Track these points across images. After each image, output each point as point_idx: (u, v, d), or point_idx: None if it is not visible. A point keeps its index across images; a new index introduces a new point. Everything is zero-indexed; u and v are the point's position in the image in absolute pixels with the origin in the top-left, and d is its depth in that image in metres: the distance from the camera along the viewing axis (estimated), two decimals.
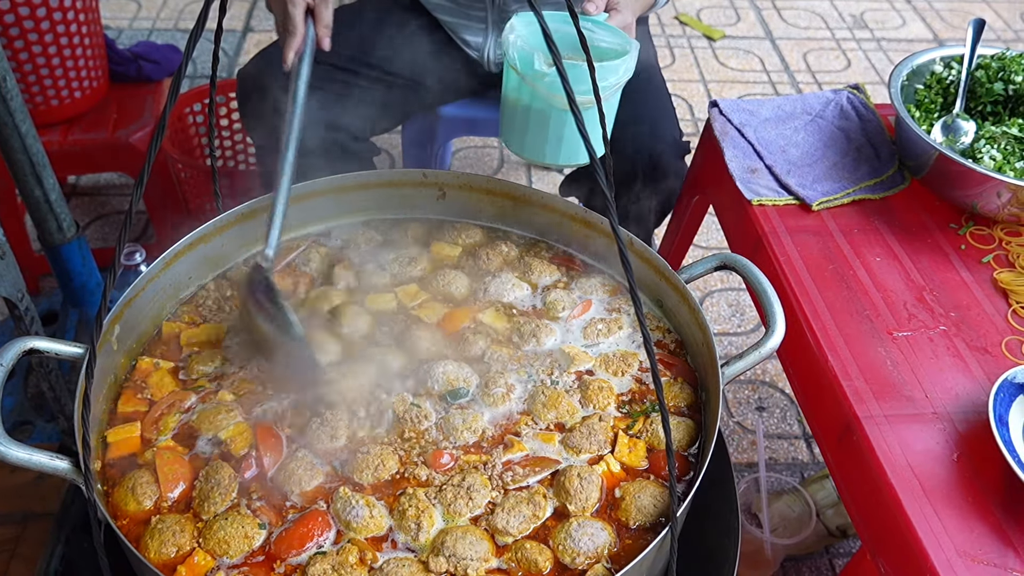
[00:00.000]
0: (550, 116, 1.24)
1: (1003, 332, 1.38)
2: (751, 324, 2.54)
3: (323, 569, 0.98)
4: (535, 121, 1.26)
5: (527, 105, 1.26)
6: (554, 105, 1.22)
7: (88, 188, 2.89)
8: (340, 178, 1.44)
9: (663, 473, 1.13)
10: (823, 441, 1.33)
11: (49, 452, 1.00)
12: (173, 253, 1.28)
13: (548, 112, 1.23)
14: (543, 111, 1.24)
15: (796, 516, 1.86)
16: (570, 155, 1.29)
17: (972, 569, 1.06)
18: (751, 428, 2.24)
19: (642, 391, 1.23)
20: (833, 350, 1.33)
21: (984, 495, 1.14)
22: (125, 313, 1.22)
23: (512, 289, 1.36)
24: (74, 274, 1.86)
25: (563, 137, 1.27)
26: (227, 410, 1.16)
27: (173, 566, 1.00)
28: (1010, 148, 1.56)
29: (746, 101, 1.85)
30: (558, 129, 1.25)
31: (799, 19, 4.10)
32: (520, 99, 1.28)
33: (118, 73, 2.44)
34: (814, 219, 1.58)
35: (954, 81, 1.73)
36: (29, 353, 1.09)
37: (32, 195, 1.69)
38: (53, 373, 1.61)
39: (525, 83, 1.28)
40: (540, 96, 1.22)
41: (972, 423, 1.23)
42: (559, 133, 1.26)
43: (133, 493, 1.06)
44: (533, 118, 1.26)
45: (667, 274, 1.29)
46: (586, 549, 1.03)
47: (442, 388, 1.19)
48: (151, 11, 3.85)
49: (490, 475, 1.10)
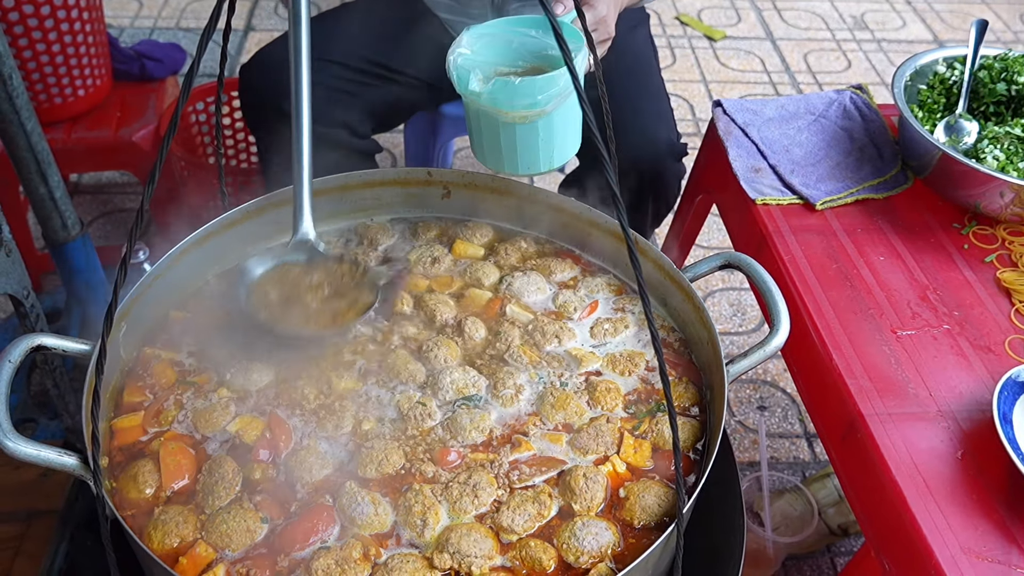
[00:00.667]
0: (499, 129, 1.24)
1: (1006, 331, 1.39)
2: (752, 324, 2.55)
3: (327, 564, 0.98)
4: (487, 134, 1.27)
5: (478, 119, 1.26)
6: (500, 119, 1.23)
7: (90, 186, 2.89)
8: (345, 176, 1.44)
9: (668, 473, 1.13)
10: (827, 439, 1.34)
11: (57, 448, 1.00)
12: (180, 250, 1.28)
13: (496, 125, 1.24)
14: (492, 124, 1.24)
15: (798, 515, 1.87)
16: (529, 164, 1.29)
17: (976, 566, 1.06)
18: (753, 427, 2.25)
19: (648, 391, 1.23)
20: (837, 348, 1.33)
21: (988, 492, 1.15)
22: (132, 310, 1.22)
23: (535, 290, 1.37)
24: (78, 272, 1.87)
25: (516, 147, 1.27)
26: (223, 405, 1.16)
27: (175, 557, 1.00)
28: (1013, 148, 1.56)
29: (750, 101, 1.86)
30: (509, 140, 1.26)
31: (800, 20, 4.10)
32: (472, 113, 1.28)
33: (121, 71, 2.45)
34: (818, 218, 1.58)
35: (957, 81, 1.74)
36: (36, 350, 1.09)
37: (37, 192, 1.69)
38: (58, 371, 1.61)
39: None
40: (486, 111, 1.23)
41: (976, 421, 1.24)
42: (512, 144, 1.26)
43: (135, 481, 1.07)
44: (485, 131, 1.27)
45: (672, 273, 1.29)
46: (590, 548, 1.03)
47: (453, 396, 1.19)
48: (152, 10, 3.85)
49: (496, 474, 1.10)
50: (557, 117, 1.24)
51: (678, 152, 1.83)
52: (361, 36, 1.91)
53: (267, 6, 3.94)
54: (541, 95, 1.18)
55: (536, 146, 1.27)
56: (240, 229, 1.37)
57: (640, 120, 1.78)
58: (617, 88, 1.72)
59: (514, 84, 1.16)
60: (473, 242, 1.45)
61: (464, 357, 1.26)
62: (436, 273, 1.40)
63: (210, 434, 1.14)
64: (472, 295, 1.35)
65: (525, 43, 1.30)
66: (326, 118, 1.81)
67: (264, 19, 3.84)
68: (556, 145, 1.28)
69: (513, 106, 1.19)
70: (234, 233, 1.37)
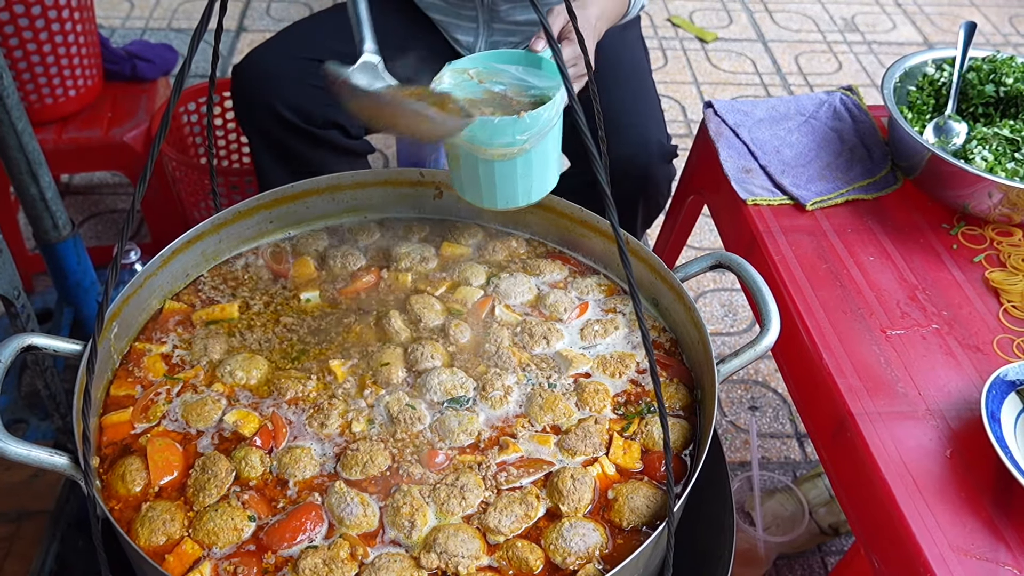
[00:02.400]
0: (478, 165, 1.26)
1: (994, 330, 1.40)
2: (744, 324, 2.56)
3: (314, 563, 0.99)
4: (466, 169, 1.28)
5: (458, 154, 1.27)
6: (479, 156, 1.24)
7: (82, 187, 2.88)
8: (336, 176, 1.44)
9: (657, 475, 1.13)
10: (817, 438, 1.35)
11: (48, 448, 1.00)
12: (171, 250, 1.29)
13: (475, 161, 1.25)
14: (472, 160, 1.25)
15: (789, 514, 1.87)
16: (507, 199, 1.30)
17: (964, 563, 1.07)
18: (744, 427, 2.25)
19: (637, 393, 1.24)
20: (827, 348, 1.34)
21: (976, 490, 1.16)
22: (123, 310, 1.22)
23: (524, 291, 1.37)
24: (69, 272, 1.86)
25: (495, 183, 1.28)
26: (214, 399, 1.16)
27: (162, 554, 1.00)
28: (1001, 149, 1.57)
29: (740, 102, 1.87)
30: (488, 176, 1.27)
31: (791, 22, 4.12)
32: (451, 148, 1.29)
33: (112, 72, 2.44)
34: (808, 219, 1.59)
35: (946, 83, 1.75)
36: (27, 350, 1.09)
37: (28, 193, 1.68)
38: (49, 371, 1.60)
39: None
40: (465, 147, 1.24)
41: (964, 420, 1.24)
42: (491, 179, 1.27)
43: (123, 480, 1.07)
44: (464, 166, 1.28)
45: (663, 273, 1.30)
46: (577, 549, 1.03)
47: (441, 397, 1.19)
48: (144, 10, 3.84)
49: (484, 475, 1.10)
50: (536, 154, 1.25)
51: (668, 154, 1.83)
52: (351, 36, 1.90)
53: (259, 7, 3.94)
54: (520, 133, 1.19)
55: (515, 182, 1.28)
56: (231, 229, 1.38)
57: (630, 122, 1.79)
58: (607, 89, 1.73)
59: (493, 123, 1.17)
60: (462, 243, 1.46)
61: (451, 359, 1.26)
62: (424, 273, 1.40)
63: (202, 428, 1.14)
64: (460, 296, 1.35)
65: (505, 78, 1.30)
66: (319, 118, 1.81)
67: (256, 20, 3.84)
68: (535, 180, 1.29)
69: (492, 144, 1.20)
70: (225, 233, 1.37)
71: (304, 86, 1.82)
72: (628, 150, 1.75)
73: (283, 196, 1.41)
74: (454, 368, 1.23)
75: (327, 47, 1.88)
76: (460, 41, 2.02)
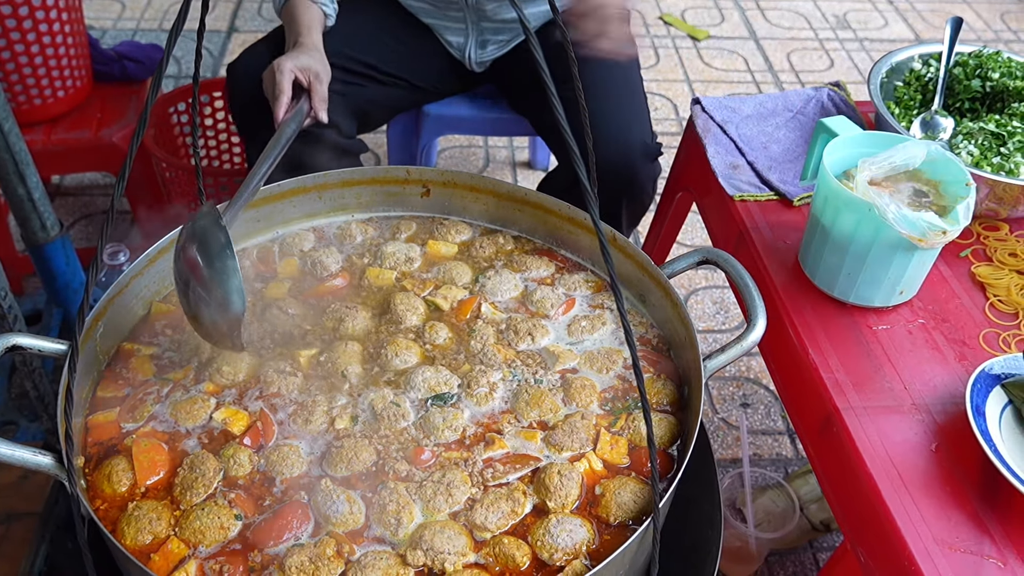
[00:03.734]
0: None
1: (980, 325, 1.40)
2: (735, 321, 2.56)
3: (300, 561, 0.99)
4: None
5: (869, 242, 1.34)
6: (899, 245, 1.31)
7: (72, 188, 2.88)
8: (323, 175, 1.44)
9: (644, 470, 1.13)
10: (804, 433, 1.35)
11: (32, 448, 1.00)
12: (157, 249, 1.29)
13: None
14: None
15: (780, 511, 1.88)
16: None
17: (949, 556, 1.07)
18: (735, 424, 2.26)
19: (625, 388, 1.24)
20: (813, 343, 1.34)
21: (961, 484, 1.16)
22: (108, 310, 1.22)
23: (510, 287, 1.37)
24: (58, 273, 1.86)
25: (902, 277, 1.37)
26: (203, 397, 1.16)
27: (148, 553, 1.00)
28: (987, 144, 1.58)
29: (728, 98, 1.87)
30: (900, 268, 1.35)
31: (783, 19, 4.13)
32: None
33: (102, 73, 2.44)
34: (795, 214, 1.59)
35: (932, 78, 1.75)
36: (12, 350, 1.09)
37: (15, 194, 1.68)
38: (37, 372, 1.60)
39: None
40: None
41: (950, 414, 1.25)
42: (900, 273, 1.36)
43: (109, 480, 1.07)
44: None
45: (649, 269, 1.30)
46: (564, 545, 1.03)
47: (424, 395, 1.19)
48: (135, 11, 3.84)
49: (470, 472, 1.10)
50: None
51: (651, 153, 1.83)
52: (347, 36, 1.91)
53: (251, 7, 3.94)
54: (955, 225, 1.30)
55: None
56: None
57: (614, 120, 1.79)
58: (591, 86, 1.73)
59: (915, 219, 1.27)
60: (448, 240, 1.46)
61: (434, 357, 1.26)
62: (410, 272, 1.40)
63: (191, 426, 1.14)
64: (446, 294, 1.35)
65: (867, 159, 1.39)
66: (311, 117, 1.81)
67: (248, 20, 3.84)
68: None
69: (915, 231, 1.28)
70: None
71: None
72: (611, 148, 1.75)
73: (270, 195, 1.41)
74: (438, 365, 1.23)
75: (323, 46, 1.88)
76: (451, 43, 2.02)
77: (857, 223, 1.32)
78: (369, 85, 1.95)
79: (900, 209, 1.26)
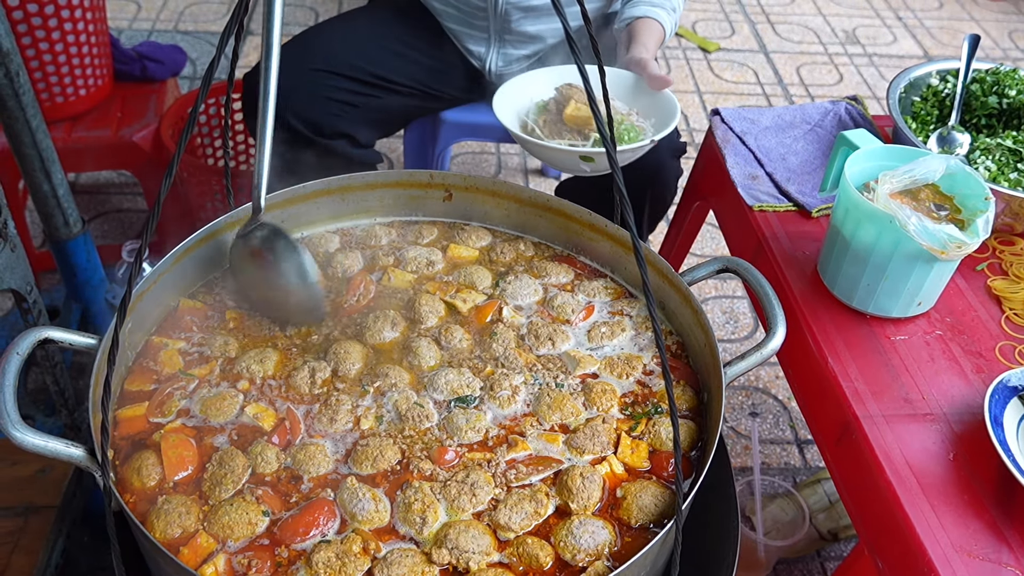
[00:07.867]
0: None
1: (997, 337, 1.42)
2: (745, 331, 2.57)
3: (327, 557, 1.00)
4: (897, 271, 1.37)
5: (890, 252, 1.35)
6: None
7: (88, 186, 2.90)
8: (347, 178, 1.46)
9: (665, 474, 1.14)
10: (822, 441, 1.36)
11: (64, 440, 1.01)
12: (184, 248, 1.30)
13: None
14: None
15: (789, 519, 1.89)
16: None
17: (968, 564, 1.08)
18: (745, 433, 2.27)
19: (644, 394, 1.25)
20: (833, 352, 1.35)
21: (979, 493, 1.17)
22: (137, 305, 1.23)
23: (530, 292, 1.38)
24: (79, 269, 1.87)
25: (921, 289, 1.38)
26: (232, 393, 1.17)
27: (177, 547, 1.01)
28: (1004, 159, 1.59)
29: (747, 110, 1.89)
30: (919, 280, 1.37)
31: (793, 33, 4.15)
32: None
33: (122, 72, 2.46)
34: (813, 225, 1.61)
35: (950, 94, 1.77)
36: (44, 343, 1.10)
37: (40, 189, 1.70)
38: (58, 366, 1.62)
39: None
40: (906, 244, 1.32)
41: (967, 424, 1.26)
42: (919, 284, 1.38)
43: (138, 474, 1.08)
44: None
45: (670, 276, 1.31)
46: (586, 546, 1.04)
47: (447, 397, 1.20)
48: (151, 12, 3.86)
49: (494, 472, 1.12)
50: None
51: (676, 149, 1.86)
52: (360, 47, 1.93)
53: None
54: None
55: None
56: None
57: None
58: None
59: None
60: (469, 245, 1.47)
61: (457, 359, 1.27)
62: (431, 275, 1.41)
63: (221, 422, 1.15)
64: (465, 297, 1.37)
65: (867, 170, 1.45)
66: (327, 129, 1.83)
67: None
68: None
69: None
70: (237, 232, 1.38)
71: (313, 97, 1.84)
72: None
73: (294, 196, 1.43)
74: (461, 368, 1.24)
75: (337, 58, 1.90)
76: (472, 51, 2.04)
77: (878, 234, 1.34)
78: (386, 96, 1.97)
79: (921, 221, 1.28)
